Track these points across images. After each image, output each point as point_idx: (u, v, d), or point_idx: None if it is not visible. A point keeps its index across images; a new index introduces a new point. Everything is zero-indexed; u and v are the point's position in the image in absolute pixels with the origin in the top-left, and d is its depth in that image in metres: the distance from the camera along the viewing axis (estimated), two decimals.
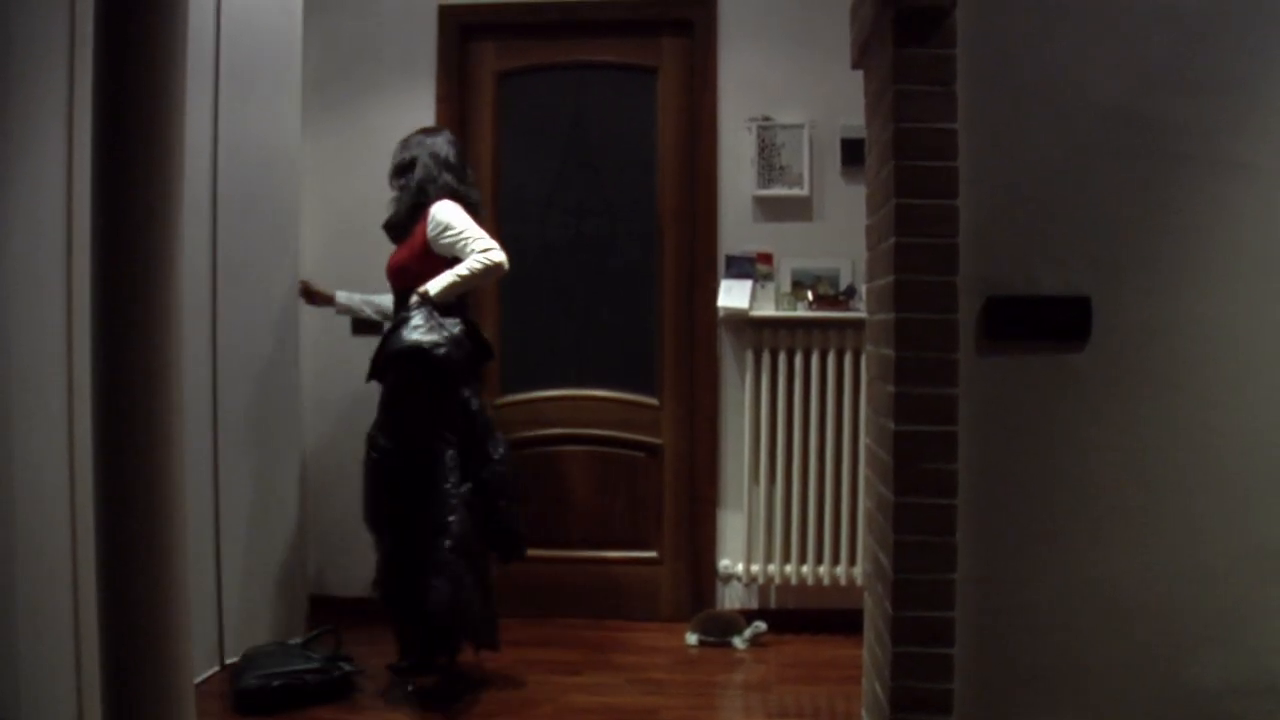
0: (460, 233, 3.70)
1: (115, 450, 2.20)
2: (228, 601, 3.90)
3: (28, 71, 2.73)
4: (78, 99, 2.78)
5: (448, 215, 3.74)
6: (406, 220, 3.83)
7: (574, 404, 4.62)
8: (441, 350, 3.53)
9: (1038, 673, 2.41)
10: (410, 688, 3.72)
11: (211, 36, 3.79)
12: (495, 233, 4.57)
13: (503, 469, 3.76)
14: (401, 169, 3.88)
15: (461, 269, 3.67)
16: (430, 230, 3.73)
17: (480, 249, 3.68)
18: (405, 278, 3.76)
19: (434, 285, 3.65)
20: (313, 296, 4.29)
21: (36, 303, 2.77)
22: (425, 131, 3.98)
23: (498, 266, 3.70)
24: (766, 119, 4.39)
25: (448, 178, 3.84)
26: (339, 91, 4.51)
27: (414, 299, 3.64)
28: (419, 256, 3.75)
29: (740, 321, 4.39)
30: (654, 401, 4.60)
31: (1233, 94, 2.37)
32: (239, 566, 3.92)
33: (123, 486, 2.20)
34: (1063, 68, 2.39)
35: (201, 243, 3.78)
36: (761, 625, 4.25)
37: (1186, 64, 2.37)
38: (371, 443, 3.68)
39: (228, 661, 3.83)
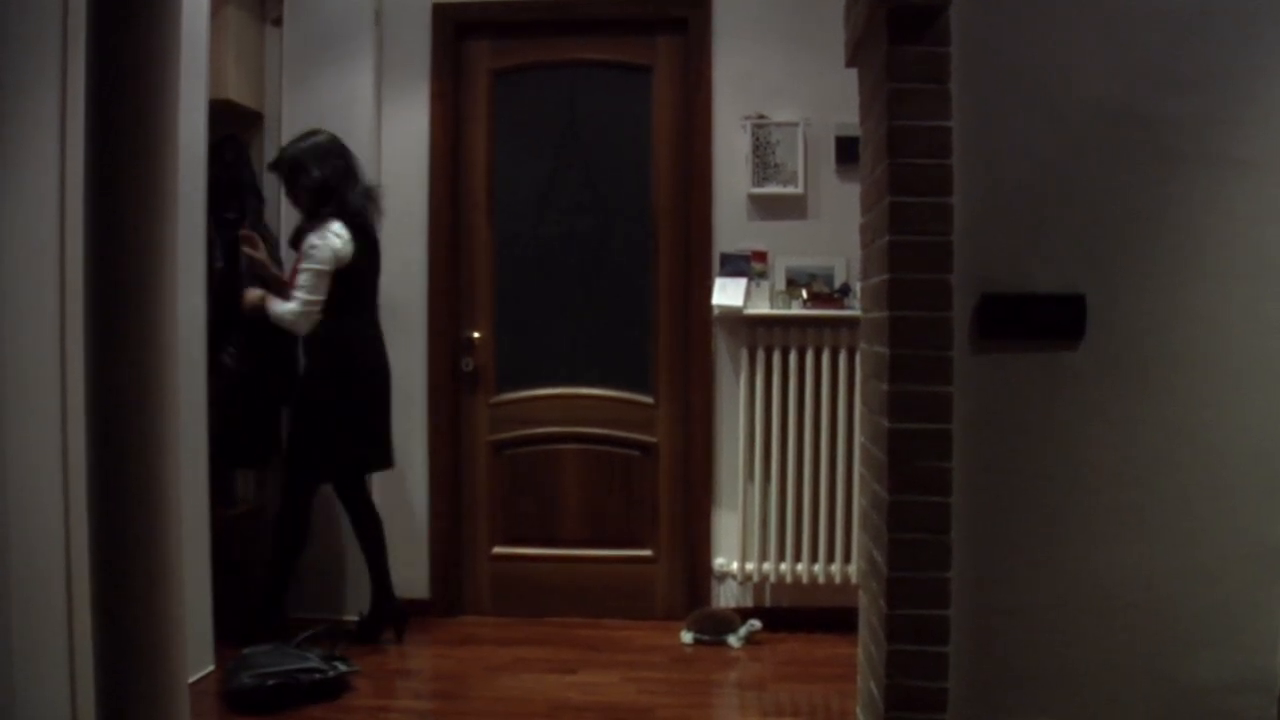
0: (305, 271, 3.98)
1: (108, 449, 2.20)
2: None
3: (20, 76, 2.72)
4: (70, 103, 2.77)
5: (319, 244, 3.97)
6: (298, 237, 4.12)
7: (568, 402, 4.62)
8: None
9: (1032, 670, 2.41)
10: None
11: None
12: (489, 232, 4.60)
13: None
14: (319, 181, 4.04)
15: (276, 309, 4.02)
16: (308, 239, 4.00)
17: (301, 304, 3.97)
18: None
19: (268, 304, 4.02)
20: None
21: (30, 304, 2.76)
22: (315, 134, 4.13)
23: (299, 330, 4.04)
24: (761, 117, 4.39)
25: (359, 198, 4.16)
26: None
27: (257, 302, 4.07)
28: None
29: (735, 320, 4.39)
30: (649, 400, 4.60)
31: (1226, 91, 2.37)
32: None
33: (116, 485, 2.20)
34: (1056, 65, 2.39)
35: None
36: (756, 623, 4.25)
37: (1180, 61, 2.37)
38: None
39: None
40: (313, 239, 3.96)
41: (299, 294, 3.95)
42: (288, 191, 4.09)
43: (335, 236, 3.96)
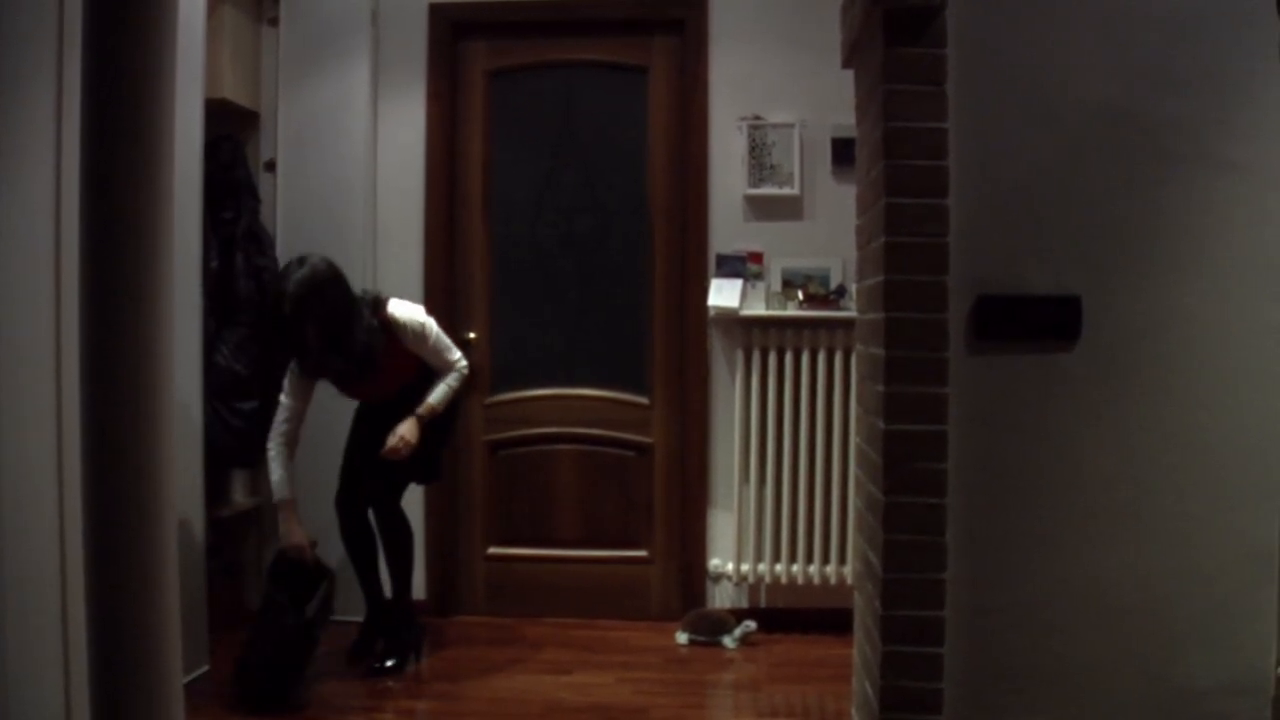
0: (440, 338, 3.90)
1: (103, 448, 2.19)
2: None
3: (15, 75, 2.71)
4: (66, 102, 2.77)
5: (418, 316, 3.89)
6: (360, 364, 3.78)
7: (564, 403, 4.62)
8: None
9: (1027, 672, 2.41)
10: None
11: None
12: (485, 233, 4.60)
13: None
14: (333, 316, 3.69)
15: (453, 381, 3.91)
16: (411, 331, 3.83)
17: (462, 363, 3.94)
18: (401, 381, 3.90)
19: (438, 402, 3.88)
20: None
21: (25, 304, 2.76)
22: (301, 263, 3.69)
23: (469, 373, 4.02)
24: (757, 118, 4.39)
25: (358, 291, 3.87)
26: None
27: (422, 416, 3.85)
28: (404, 359, 3.87)
29: (730, 321, 4.39)
30: (644, 400, 4.60)
31: (1221, 93, 2.37)
32: None
33: (111, 485, 2.19)
34: (1053, 67, 2.39)
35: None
36: (751, 624, 4.25)
37: (1175, 62, 2.38)
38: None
39: None
40: (407, 320, 3.82)
41: (450, 355, 3.91)
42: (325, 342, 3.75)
43: (414, 311, 3.90)
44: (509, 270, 4.65)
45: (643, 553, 4.59)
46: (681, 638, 4.28)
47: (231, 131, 4.39)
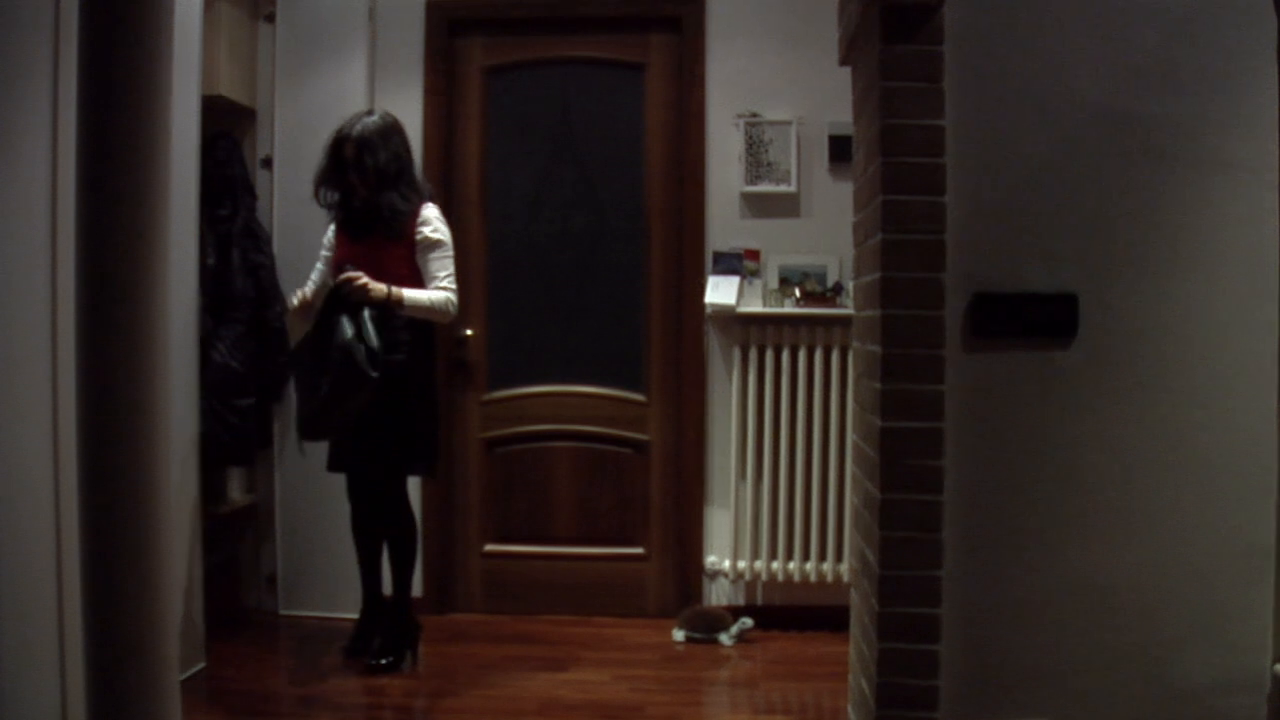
0: (447, 261, 3.82)
1: (99, 445, 2.19)
2: None
3: (11, 71, 2.71)
4: (62, 98, 2.77)
5: (443, 229, 3.84)
6: (391, 217, 3.76)
7: (561, 400, 4.62)
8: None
9: (1023, 669, 2.42)
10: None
11: None
12: (482, 230, 4.60)
13: None
14: (391, 161, 3.75)
15: (435, 297, 3.78)
16: (427, 234, 3.78)
17: (454, 291, 3.83)
18: (386, 277, 3.72)
19: (410, 296, 3.72)
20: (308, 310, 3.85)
21: (21, 300, 2.75)
22: (370, 113, 3.83)
23: (452, 317, 3.88)
24: (754, 115, 4.39)
25: (423, 178, 3.90)
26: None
27: (389, 291, 3.66)
28: (407, 258, 3.79)
29: (727, 318, 4.39)
30: (641, 398, 4.60)
31: (1219, 92, 2.37)
32: None
33: (107, 482, 2.19)
34: (1050, 65, 2.39)
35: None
36: (748, 621, 4.25)
37: (1173, 62, 2.38)
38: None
39: None
40: (436, 224, 3.81)
41: (448, 281, 3.80)
42: (356, 171, 3.74)
43: (443, 224, 3.87)
44: (506, 267, 4.64)
45: (639, 550, 4.59)
46: (678, 635, 4.28)
47: (228, 128, 4.39)
